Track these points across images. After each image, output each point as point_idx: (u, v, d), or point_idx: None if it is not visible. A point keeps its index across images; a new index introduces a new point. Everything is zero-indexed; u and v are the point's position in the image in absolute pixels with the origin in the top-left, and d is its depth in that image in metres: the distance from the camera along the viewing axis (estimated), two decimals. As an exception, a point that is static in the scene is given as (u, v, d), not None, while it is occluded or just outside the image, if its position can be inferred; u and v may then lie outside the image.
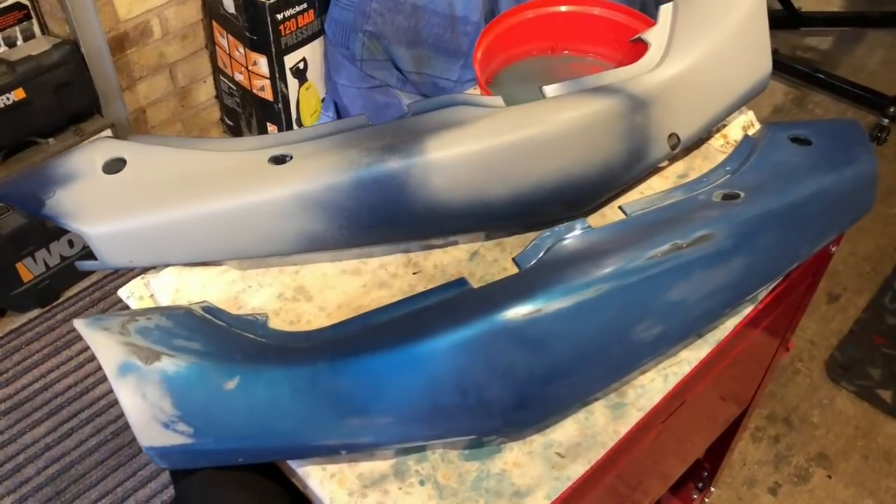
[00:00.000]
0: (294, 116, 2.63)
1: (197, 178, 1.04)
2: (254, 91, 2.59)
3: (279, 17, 2.38)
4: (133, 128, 2.59)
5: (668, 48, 1.21)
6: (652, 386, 0.96)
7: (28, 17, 2.29)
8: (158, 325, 0.89)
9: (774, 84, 3.23)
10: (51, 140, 2.32)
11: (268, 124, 2.66)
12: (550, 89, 1.13)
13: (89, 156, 1.07)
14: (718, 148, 1.24)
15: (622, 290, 0.90)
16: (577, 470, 0.89)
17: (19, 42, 2.30)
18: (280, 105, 2.58)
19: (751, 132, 1.26)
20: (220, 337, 0.91)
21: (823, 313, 2.45)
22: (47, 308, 2.36)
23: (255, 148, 1.08)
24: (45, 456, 2.04)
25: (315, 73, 2.61)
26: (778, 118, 3.08)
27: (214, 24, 2.55)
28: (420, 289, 1.05)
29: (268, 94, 2.57)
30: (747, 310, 1.04)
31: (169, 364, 0.85)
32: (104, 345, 0.85)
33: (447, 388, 0.85)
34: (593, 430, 0.92)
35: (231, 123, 2.82)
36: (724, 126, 1.27)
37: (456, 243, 1.11)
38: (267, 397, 0.85)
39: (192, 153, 1.07)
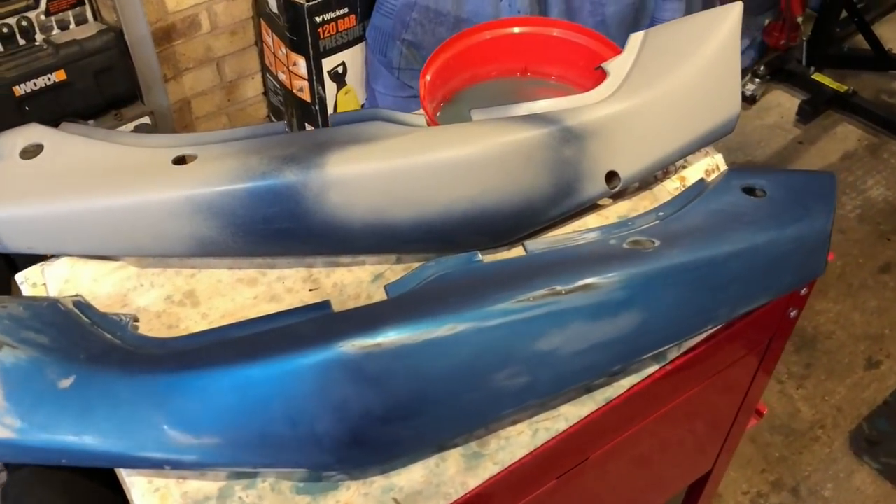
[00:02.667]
0: (331, 119, 2.63)
1: (101, 171, 1.03)
2: (293, 91, 2.61)
3: (318, 19, 2.39)
4: (176, 117, 2.66)
5: (625, 80, 1.13)
6: (518, 439, 0.89)
7: (82, 3, 2.38)
8: (12, 314, 0.88)
9: (849, 128, 3.03)
10: (91, 122, 2.40)
11: (306, 125, 2.67)
12: (478, 112, 1.08)
13: (12, 140, 1.08)
14: (672, 191, 1.15)
15: (481, 333, 0.83)
16: (409, 520, 0.83)
17: (72, 26, 2.38)
18: (317, 107, 2.59)
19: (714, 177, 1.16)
20: (72, 334, 0.89)
21: (858, 379, 2.26)
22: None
23: (169, 146, 1.07)
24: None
25: (355, 79, 2.60)
26: (846, 165, 2.88)
27: (262, 21, 2.58)
28: (311, 307, 1.01)
29: (306, 96, 2.58)
30: (651, 369, 0.96)
31: (8, 355, 0.84)
32: (-54, 329, 0.85)
33: (277, 415, 0.81)
34: (440, 478, 0.86)
35: (275, 121, 2.85)
36: (685, 167, 1.18)
37: (363, 263, 1.07)
38: (97, 401, 0.83)
39: (106, 146, 1.07)
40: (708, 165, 1.18)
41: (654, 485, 1.32)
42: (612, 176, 1.09)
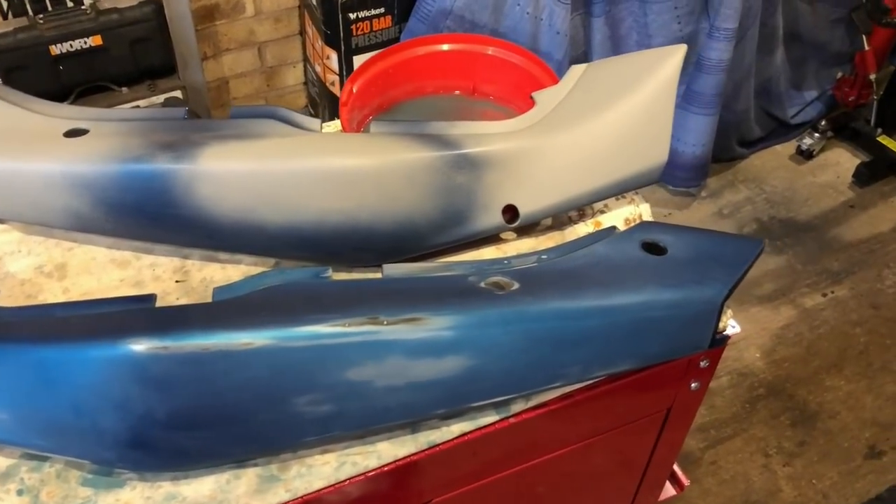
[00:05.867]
0: (360, 117, 2.62)
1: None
2: (326, 84, 2.61)
3: (352, 16, 2.38)
4: (213, 96, 2.70)
5: (549, 114, 1.07)
6: (320, 469, 0.84)
7: (133, -27, 2.44)
8: None
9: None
10: (125, 89, 2.46)
11: (336, 120, 2.67)
12: (377, 125, 1.04)
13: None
14: (583, 234, 1.07)
15: (281, 353, 0.79)
16: (178, 533, 0.79)
17: (121, -6, 2.46)
18: (346, 103, 2.58)
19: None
20: None
21: (854, 468, 2.09)
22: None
23: (71, 118, 1.07)
24: None
25: (387, 79, 2.59)
26: (897, 237, 2.69)
27: (305, 12, 2.60)
28: (172, 299, 0.99)
29: (337, 90, 2.58)
30: (489, 419, 0.89)
31: None
32: None
33: (63, 402, 0.79)
34: (226, 496, 0.82)
35: (313, 112, 2.87)
36: (603, 212, 1.10)
37: (240, 262, 1.04)
38: None
39: (15, 111, 1.08)
40: (630, 214, 1.11)
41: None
42: (510, 210, 1.03)
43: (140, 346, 0.77)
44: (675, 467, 1.30)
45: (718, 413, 2.19)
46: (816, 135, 2.92)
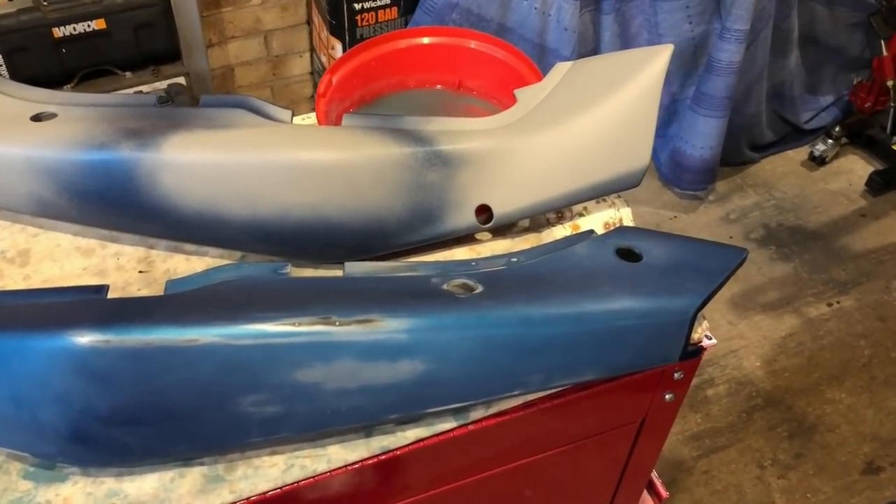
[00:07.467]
0: (364, 109, 2.60)
1: (-35, 115, 1.02)
2: (331, 75, 2.59)
3: (356, 6, 2.36)
4: (218, 83, 2.69)
5: (530, 112, 1.04)
6: (267, 472, 0.82)
7: (140, -42, 2.43)
8: None
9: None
10: (128, 74, 2.45)
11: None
12: (350, 118, 1.01)
13: None
14: (560, 237, 1.04)
15: (227, 351, 0.76)
16: (116, 531, 0.77)
17: (127, -21, 2.44)
18: (350, 94, 2.56)
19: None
20: None
21: (850, 483, 2.05)
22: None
23: (41, 101, 1.05)
24: None
25: (392, 72, 2.56)
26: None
27: (312, 1, 2.58)
28: (133, 290, 0.97)
29: (341, 81, 2.56)
30: (446, 425, 0.86)
31: None
32: None
33: (2, 392, 0.77)
34: (169, 495, 0.80)
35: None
36: (582, 215, 1.07)
37: (206, 254, 1.02)
38: None
39: (-15, 92, 1.06)
40: (610, 218, 1.07)
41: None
42: (484, 210, 1.00)
43: (81, 339, 0.75)
44: (655, 478, 1.27)
45: (714, 422, 2.14)
46: (830, 141, 2.87)
